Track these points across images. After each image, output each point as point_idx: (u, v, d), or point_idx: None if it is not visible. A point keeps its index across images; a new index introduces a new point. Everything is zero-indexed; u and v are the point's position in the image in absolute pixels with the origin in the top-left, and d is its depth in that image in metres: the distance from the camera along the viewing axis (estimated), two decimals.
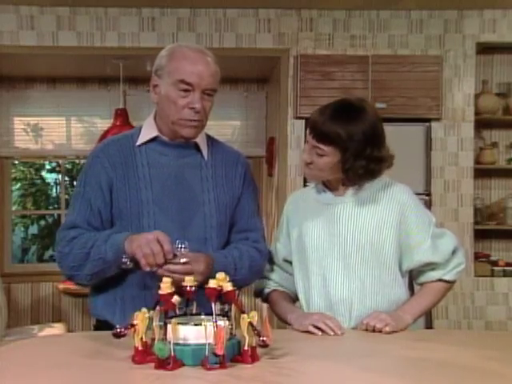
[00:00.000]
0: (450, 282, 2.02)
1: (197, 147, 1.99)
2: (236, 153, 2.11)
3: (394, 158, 1.99)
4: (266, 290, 2.12)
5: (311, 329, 1.83)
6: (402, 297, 1.98)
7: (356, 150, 1.89)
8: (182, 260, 1.75)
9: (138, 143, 1.97)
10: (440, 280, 2.00)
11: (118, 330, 1.48)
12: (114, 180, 1.93)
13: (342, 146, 1.89)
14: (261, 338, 1.44)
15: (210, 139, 2.05)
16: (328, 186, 2.03)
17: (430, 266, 1.99)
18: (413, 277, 2.04)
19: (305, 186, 4.30)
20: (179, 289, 1.53)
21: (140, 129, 2.02)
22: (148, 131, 1.98)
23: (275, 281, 2.11)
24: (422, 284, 2.03)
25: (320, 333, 1.82)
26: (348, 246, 1.95)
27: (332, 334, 1.81)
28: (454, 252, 2.00)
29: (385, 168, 1.97)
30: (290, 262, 2.09)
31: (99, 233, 1.89)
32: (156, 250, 1.73)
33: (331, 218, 1.99)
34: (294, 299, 2.09)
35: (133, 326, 1.45)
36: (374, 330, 1.83)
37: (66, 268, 1.92)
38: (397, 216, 1.95)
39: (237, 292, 1.53)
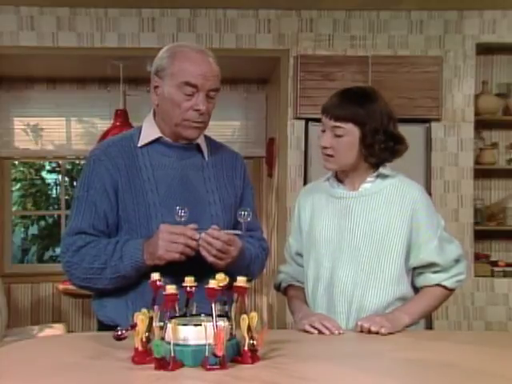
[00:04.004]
0: (449, 289, 2.03)
1: (198, 148, 2.00)
2: (234, 152, 2.12)
3: (408, 148, 2.03)
4: (283, 285, 2.17)
5: (308, 327, 1.85)
6: (405, 294, 1.98)
7: (375, 125, 1.93)
8: (234, 231, 1.84)
9: (140, 144, 1.95)
10: (439, 285, 2.00)
11: (119, 333, 1.47)
12: (119, 183, 1.90)
13: (360, 121, 1.93)
14: (251, 341, 1.44)
15: (208, 139, 2.06)
16: (341, 180, 2.04)
17: (432, 268, 1.99)
18: (413, 279, 2.04)
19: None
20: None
21: (140, 129, 1.99)
22: (149, 132, 1.96)
23: (290, 275, 2.15)
24: (422, 288, 2.03)
25: (316, 332, 1.83)
26: (357, 239, 1.95)
27: (328, 333, 1.81)
28: (457, 261, 2.01)
29: (402, 150, 2.01)
30: (302, 256, 2.11)
31: (108, 243, 1.87)
32: (183, 241, 1.77)
33: (343, 211, 1.99)
34: None
35: (133, 327, 1.45)
36: (369, 332, 1.83)
37: (76, 279, 1.91)
38: (409, 212, 1.96)
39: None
